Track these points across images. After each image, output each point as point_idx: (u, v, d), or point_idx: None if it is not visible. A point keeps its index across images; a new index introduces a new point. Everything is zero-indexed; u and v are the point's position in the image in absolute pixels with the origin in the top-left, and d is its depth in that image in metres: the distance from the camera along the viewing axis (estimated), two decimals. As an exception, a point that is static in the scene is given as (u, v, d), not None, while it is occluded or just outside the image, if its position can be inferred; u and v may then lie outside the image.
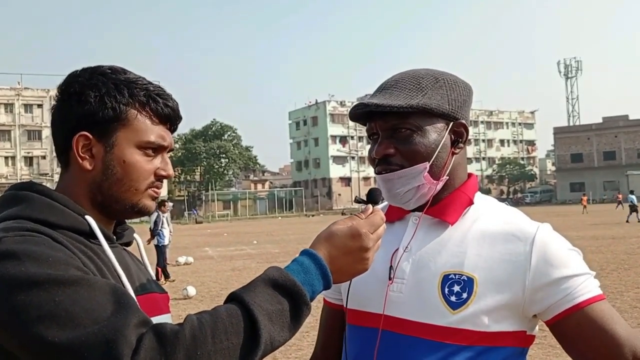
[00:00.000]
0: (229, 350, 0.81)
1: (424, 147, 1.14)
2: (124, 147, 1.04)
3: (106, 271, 0.98)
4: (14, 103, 57.26)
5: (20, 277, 0.82)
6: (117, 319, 0.80)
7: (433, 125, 1.16)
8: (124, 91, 1.04)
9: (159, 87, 1.09)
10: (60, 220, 0.98)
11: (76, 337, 0.78)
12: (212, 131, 73.62)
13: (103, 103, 1.02)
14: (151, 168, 1.06)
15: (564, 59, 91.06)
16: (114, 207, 1.06)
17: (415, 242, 1.19)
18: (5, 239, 0.88)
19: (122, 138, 1.04)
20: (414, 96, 1.15)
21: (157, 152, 1.07)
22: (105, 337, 0.77)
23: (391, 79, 1.21)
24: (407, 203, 1.18)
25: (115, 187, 1.04)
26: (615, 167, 69.93)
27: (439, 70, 1.23)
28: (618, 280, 9.83)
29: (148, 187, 1.07)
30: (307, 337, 6.63)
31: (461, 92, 1.20)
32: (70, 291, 0.82)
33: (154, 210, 1.10)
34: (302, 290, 0.89)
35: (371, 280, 1.19)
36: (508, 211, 1.22)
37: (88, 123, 1.03)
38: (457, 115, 1.18)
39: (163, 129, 1.07)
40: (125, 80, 1.05)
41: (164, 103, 1.07)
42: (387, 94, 1.17)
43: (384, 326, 1.16)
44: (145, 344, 0.77)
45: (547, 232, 1.14)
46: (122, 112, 1.03)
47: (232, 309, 0.84)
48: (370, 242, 0.98)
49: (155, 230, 12.29)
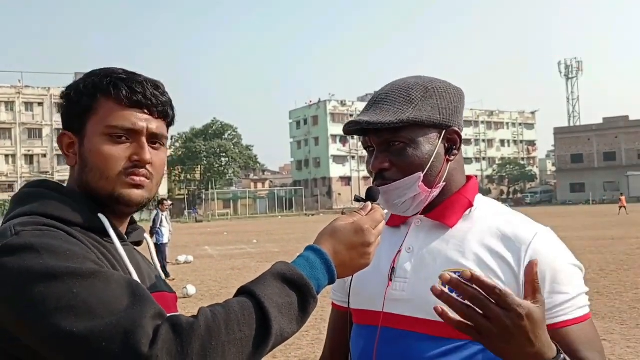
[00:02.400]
0: (241, 341, 0.83)
1: (417, 159, 1.17)
2: (92, 136, 1.05)
3: (118, 268, 1.00)
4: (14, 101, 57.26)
5: (39, 270, 0.84)
6: (134, 311, 0.81)
7: (425, 136, 1.18)
8: (90, 84, 1.06)
9: (131, 74, 1.08)
10: (74, 217, 1.00)
11: (95, 327, 0.79)
12: (212, 130, 73.66)
13: (77, 99, 1.06)
14: (121, 154, 1.04)
15: (565, 60, 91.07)
16: (98, 200, 1.06)
17: (417, 243, 1.22)
18: (23, 232, 0.90)
19: (91, 128, 1.05)
20: (404, 110, 1.16)
21: (131, 137, 1.05)
22: (123, 328, 0.79)
23: (382, 91, 1.23)
24: (406, 212, 1.22)
25: (90, 178, 1.05)
26: (616, 168, 69.93)
27: (428, 78, 1.24)
28: (617, 281, 9.84)
29: (121, 174, 1.04)
30: (306, 336, 6.65)
31: (452, 100, 1.21)
32: (87, 283, 0.84)
33: (142, 200, 1.08)
34: (309, 284, 0.91)
35: (375, 281, 1.23)
36: (508, 213, 1.23)
37: (68, 121, 1.08)
38: (449, 123, 1.20)
39: (133, 114, 1.05)
40: (98, 74, 1.07)
41: (129, 86, 1.05)
42: (378, 109, 1.19)
43: (383, 323, 1.19)
44: (162, 334, 0.79)
45: (543, 240, 1.14)
46: (90, 103, 1.05)
47: (244, 302, 0.86)
48: (372, 237, 1.01)
49: (154, 229, 12.30)
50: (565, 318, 1.09)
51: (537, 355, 0.93)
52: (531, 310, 0.90)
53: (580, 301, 1.12)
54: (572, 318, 1.09)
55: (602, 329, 6.52)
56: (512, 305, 0.88)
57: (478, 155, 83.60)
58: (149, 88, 1.07)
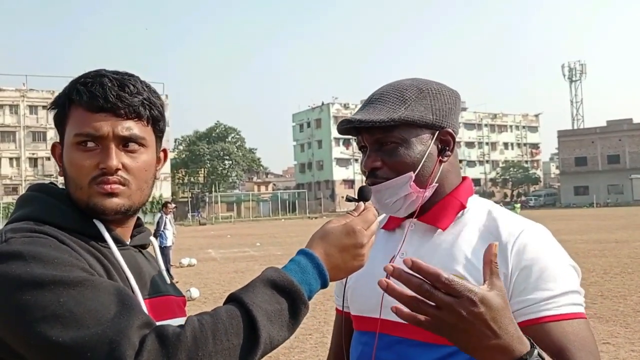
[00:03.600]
0: (229, 351, 0.82)
1: (409, 158, 1.17)
2: (66, 146, 1.03)
3: (114, 273, 0.99)
4: (19, 104, 57.49)
5: (25, 278, 0.83)
6: (120, 321, 0.81)
7: (418, 136, 1.18)
8: (63, 92, 1.04)
9: (96, 77, 1.03)
10: (70, 222, 0.99)
11: (80, 338, 0.79)
12: (216, 133, 73.86)
13: (54, 109, 1.06)
14: (90, 162, 1.00)
15: (568, 62, 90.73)
16: (81, 209, 1.03)
17: (410, 248, 1.22)
18: (12, 239, 0.90)
19: (66, 138, 1.04)
20: (396, 109, 1.17)
21: (100, 144, 1.01)
22: (108, 338, 0.79)
23: (377, 92, 1.24)
24: (398, 212, 1.22)
25: (70, 189, 1.04)
26: (620, 171, 69.68)
27: (424, 80, 1.24)
28: (621, 284, 9.81)
29: (92, 183, 1.01)
30: (309, 339, 6.64)
31: (446, 101, 1.22)
32: (74, 292, 0.83)
33: (119, 208, 1.02)
34: (299, 290, 0.90)
35: (370, 287, 1.21)
36: (500, 212, 1.22)
37: (58, 131, 1.07)
38: (442, 124, 1.20)
39: (97, 118, 1.00)
40: (72, 81, 1.05)
41: (90, 91, 1.00)
42: (371, 108, 1.20)
43: (381, 329, 1.19)
44: (148, 345, 0.79)
45: (530, 237, 1.12)
46: (64, 111, 1.04)
47: (231, 310, 0.85)
48: (364, 238, 0.99)
49: (157, 232, 12.31)
50: (547, 313, 1.04)
51: (505, 348, 0.84)
52: (485, 296, 0.82)
53: (569, 299, 1.06)
54: (556, 314, 1.04)
55: (606, 332, 6.51)
56: (462, 292, 0.81)
57: (481, 158, 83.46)
58: (114, 89, 1.01)
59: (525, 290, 1.07)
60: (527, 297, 1.06)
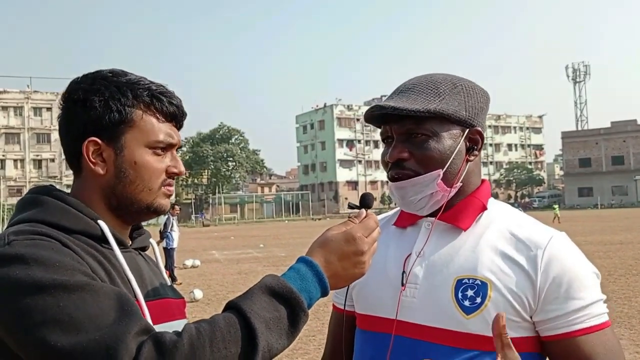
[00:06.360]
0: (227, 359, 0.82)
1: (438, 153, 1.13)
2: (134, 149, 1.05)
3: (116, 276, 0.99)
4: (23, 106, 57.80)
5: (26, 281, 0.84)
6: (119, 327, 0.81)
7: (449, 131, 1.14)
8: (127, 93, 1.04)
9: (161, 86, 1.09)
10: (73, 224, 0.99)
11: (78, 343, 0.79)
12: (219, 135, 73.94)
13: (108, 107, 1.03)
14: (162, 167, 1.07)
15: (572, 64, 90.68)
16: (130, 209, 1.06)
17: (428, 248, 1.17)
18: (14, 242, 0.90)
19: (130, 140, 1.04)
20: (431, 101, 1.13)
21: (166, 150, 1.08)
22: (106, 344, 0.79)
23: (408, 82, 1.20)
24: (421, 210, 1.17)
25: (129, 189, 1.05)
26: (624, 172, 69.52)
27: (457, 76, 1.22)
28: (626, 285, 9.77)
29: (161, 186, 1.07)
30: (313, 340, 6.63)
31: (479, 99, 1.19)
32: (74, 297, 0.83)
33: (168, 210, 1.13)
34: (299, 297, 0.89)
35: (383, 285, 1.19)
36: (521, 217, 1.20)
37: (95, 128, 1.03)
38: (473, 122, 1.17)
39: (170, 127, 1.08)
40: (127, 82, 1.06)
41: (168, 101, 1.07)
42: (404, 97, 1.15)
43: (397, 331, 1.15)
44: (145, 352, 0.79)
45: (559, 245, 1.11)
46: (128, 114, 1.04)
47: (229, 318, 0.85)
48: (365, 245, 0.97)
49: (165, 233, 12.32)
50: (578, 327, 1.05)
51: None
52: None
53: (598, 308, 1.08)
54: (588, 326, 1.06)
55: (611, 334, 6.49)
56: None
57: (485, 159, 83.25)
58: (177, 100, 1.10)
59: (557, 299, 1.07)
60: (559, 307, 1.06)
